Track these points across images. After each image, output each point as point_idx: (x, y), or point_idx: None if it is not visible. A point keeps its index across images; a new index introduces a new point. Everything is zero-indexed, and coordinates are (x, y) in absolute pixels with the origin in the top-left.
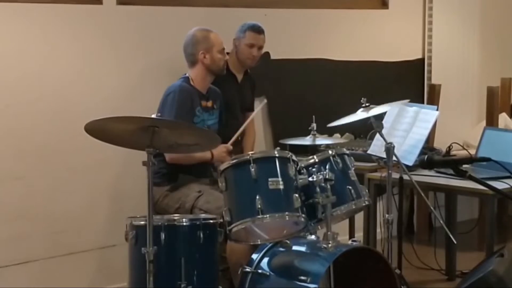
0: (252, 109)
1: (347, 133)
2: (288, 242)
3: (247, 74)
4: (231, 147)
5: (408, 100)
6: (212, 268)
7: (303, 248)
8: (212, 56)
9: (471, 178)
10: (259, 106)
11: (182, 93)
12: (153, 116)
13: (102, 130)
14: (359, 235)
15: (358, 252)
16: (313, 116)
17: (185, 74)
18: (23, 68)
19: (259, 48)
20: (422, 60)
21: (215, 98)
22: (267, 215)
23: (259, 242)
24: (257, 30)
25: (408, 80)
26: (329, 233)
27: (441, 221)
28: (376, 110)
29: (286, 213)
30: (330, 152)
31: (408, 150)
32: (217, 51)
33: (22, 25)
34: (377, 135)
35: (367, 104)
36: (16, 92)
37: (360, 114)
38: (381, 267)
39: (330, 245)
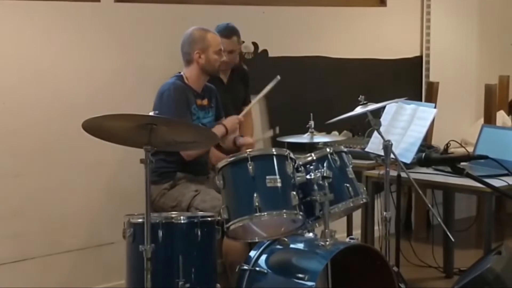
0: (248, 102)
1: (345, 131)
2: (286, 239)
3: (234, 71)
4: (242, 118)
5: (405, 98)
6: (210, 266)
7: (301, 246)
8: (207, 56)
9: (469, 176)
10: (272, 82)
11: (177, 90)
12: (151, 113)
13: (99, 127)
14: (357, 232)
15: (356, 250)
16: (311, 114)
17: (179, 72)
18: (20, 66)
19: (229, 52)
20: (420, 57)
21: (211, 96)
22: (265, 213)
23: (256, 240)
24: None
25: (406, 78)
26: (326, 230)
27: (439, 219)
28: (374, 108)
29: (284, 210)
30: (328, 149)
31: (406, 147)
32: (213, 52)
33: (19, 22)
34: (375, 132)
35: (364, 102)
36: (13, 90)
37: (358, 111)
38: (379, 265)
39: (327, 242)
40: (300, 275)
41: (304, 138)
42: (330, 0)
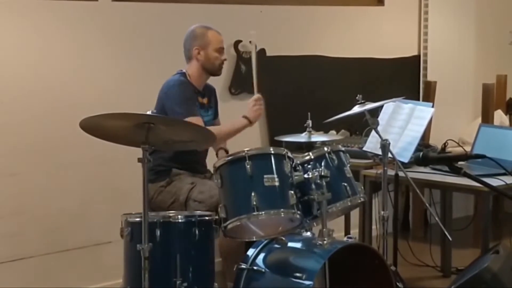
0: None
1: (342, 130)
2: (284, 238)
3: None
4: (259, 95)
5: (403, 97)
6: (208, 265)
7: (298, 245)
8: (206, 54)
9: (466, 175)
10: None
11: (185, 86)
12: (149, 112)
13: (97, 126)
14: (354, 232)
15: (354, 249)
16: (309, 113)
17: (181, 70)
18: (17, 64)
19: None
20: (418, 57)
21: (210, 95)
22: (263, 212)
23: (254, 239)
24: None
25: (403, 77)
26: (324, 230)
27: (437, 218)
28: (371, 107)
29: (282, 209)
30: (325, 149)
31: (403, 147)
32: (213, 49)
33: (17, 21)
34: (373, 132)
35: (362, 101)
36: (11, 89)
37: (355, 110)
38: (377, 264)
39: (325, 242)
40: (298, 274)
41: (302, 137)
42: (328, 0)
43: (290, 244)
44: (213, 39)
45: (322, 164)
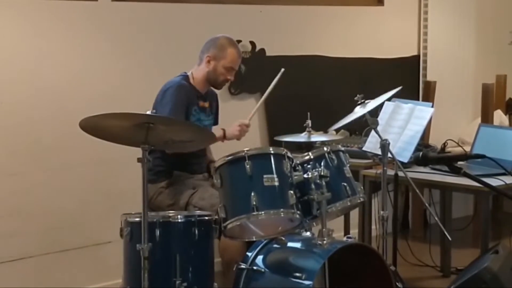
0: None
1: (342, 130)
2: (283, 238)
3: None
4: (247, 121)
5: (400, 87)
6: (207, 265)
7: (298, 245)
8: (215, 66)
9: (466, 175)
10: (277, 76)
11: (180, 90)
12: (148, 112)
13: (96, 126)
14: (354, 231)
15: (353, 249)
16: (308, 113)
17: (184, 72)
18: (17, 64)
19: None
20: (418, 57)
21: (212, 100)
22: (262, 212)
23: (254, 239)
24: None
25: (403, 77)
26: (324, 230)
27: (436, 218)
28: (372, 104)
29: (281, 209)
30: (325, 148)
31: (403, 147)
32: (223, 65)
33: (17, 21)
34: (372, 131)
35: (362, 100)
36: (10, 89)
37: (358, 111)
38: (376, 264)
39: (325, 241)
40: (298, 274)
41: (301, 137)
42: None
43: (289, 244)
44: (229, 57)
45: (322, 164)
